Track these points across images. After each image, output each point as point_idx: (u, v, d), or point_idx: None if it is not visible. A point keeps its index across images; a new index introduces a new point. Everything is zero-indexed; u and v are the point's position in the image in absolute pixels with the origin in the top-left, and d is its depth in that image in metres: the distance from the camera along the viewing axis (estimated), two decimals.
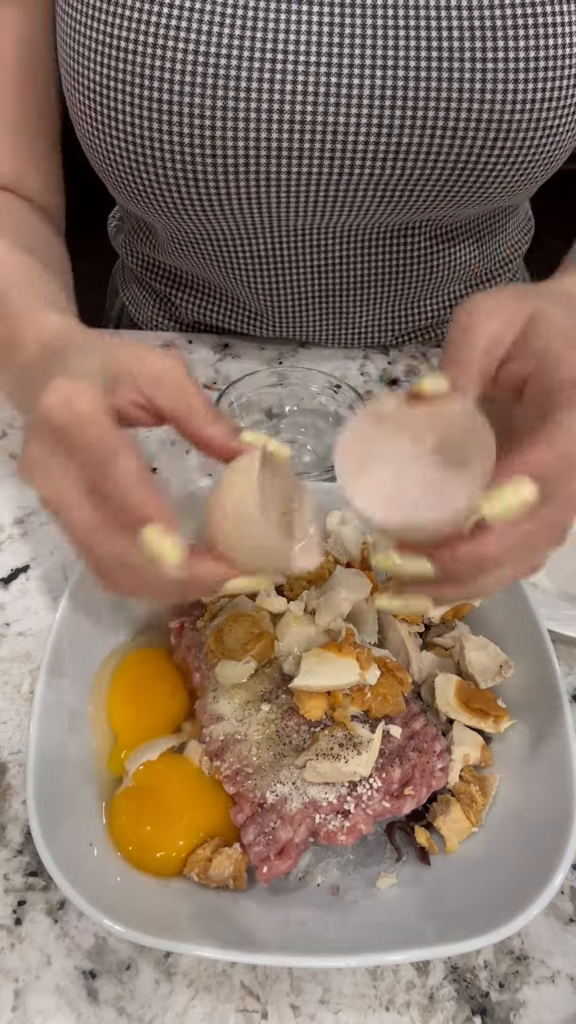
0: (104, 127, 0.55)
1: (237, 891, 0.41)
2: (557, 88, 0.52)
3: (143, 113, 0.53)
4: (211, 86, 0.52)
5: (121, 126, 0.54)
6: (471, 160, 0.55)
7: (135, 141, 0.54)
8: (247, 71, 0.52)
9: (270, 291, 0.70)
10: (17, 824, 0.45)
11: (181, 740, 0.46)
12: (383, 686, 0.45)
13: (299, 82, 0.52)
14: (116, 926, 0.36)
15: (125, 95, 0.53)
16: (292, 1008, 0.40)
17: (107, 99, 0.54)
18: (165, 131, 0.53)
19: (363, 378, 0.74)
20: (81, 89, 0.55)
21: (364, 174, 0.56)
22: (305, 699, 0.43)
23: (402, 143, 0.54)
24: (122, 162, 0.56)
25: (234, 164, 0.54)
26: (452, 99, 0.52)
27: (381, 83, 0.52)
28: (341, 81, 0.52)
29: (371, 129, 0.53)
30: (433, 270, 0.70)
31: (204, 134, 0.53)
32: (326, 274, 0.68)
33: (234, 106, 0.52)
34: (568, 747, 0.42)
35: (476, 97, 0.52)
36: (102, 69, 0.53)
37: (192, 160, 0.54)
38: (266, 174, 0.55)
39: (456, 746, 0.45)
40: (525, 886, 0.38)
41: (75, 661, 0.47)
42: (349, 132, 0.53)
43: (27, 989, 0.40)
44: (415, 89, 0.52)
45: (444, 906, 0.40)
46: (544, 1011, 0.40)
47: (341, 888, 0.42)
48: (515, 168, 0.56)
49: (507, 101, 0.52)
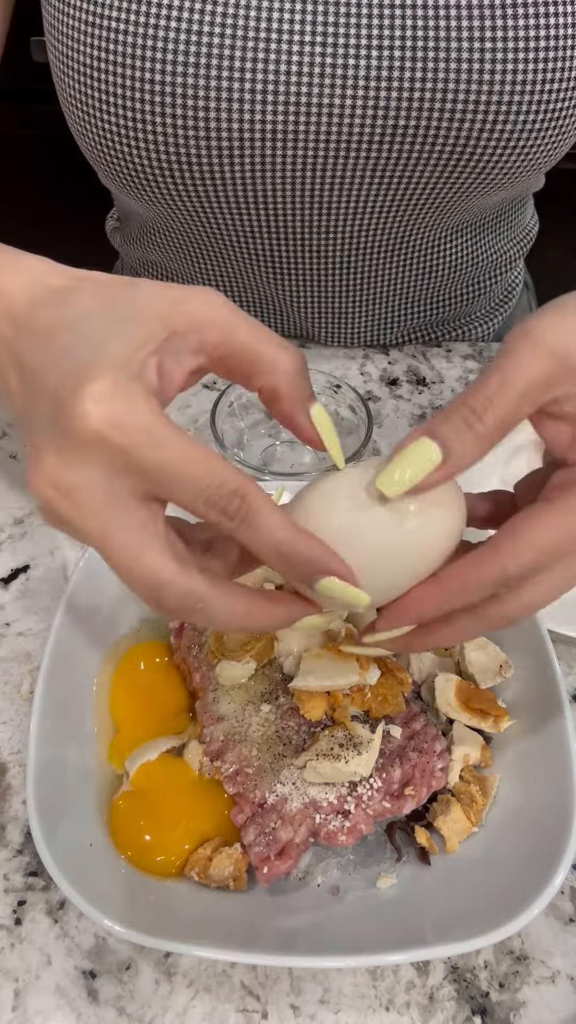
0: (95, 110, 0.54)
1: (237, 891, 0.41)
2: (559, 69, 0.51)
3: (135, 95, 0.52)
4: (204, 65, 0.51)
5: (112, 108, 0.53)
6: (470, 143, 0.54)
7: (127, 124, 0.53)
8: (240, 50, 0.51)
9: (269, 291, 0.70)
10: (17, 824, 0.45)
11: (181, 741, 0.46)
12: (383, 686, 0.45)
13: (293, 62, 0.51)
14: (116, 926, 0.36)
15: (116, 76, 0.52)
16: (292, 1008, 0.40)
17: (98, 81, 0.53)
18: (157, 112, 0.52)
19: (363, 378, 0.74)
20: (71, 73, 0.54)
21: (360, 157, 0.55)
22: (305, 699, 0.43)
23: (398, 125, 0.53)
24: (113, 146, 0.55)
25: (228, 147, 0.54)
26: (450, 80, 0.51)
27: (377, 63, 0.51)
28: (336, 61, 0.51)
29: (367, 111, 0.53)
30: (434, 269, 0.70)
31: (197, 115, 0.52)
32: (326, 274, 0.68)
33: (227, 86, 0.51)
34: (568, 747, 0.42)
35: (475, 78, 0.51)
36: (92, 51, 0.52)
37: (185, 142, 0.53)
38: (260, 157, 0.55)
39: (456, 746, 0.45)
40: (525, 886, 0.38)
41: (75, 661, 0.47)
42: (344, 114, 0.53)
43: (27, 989, 0.40)
44: (411, 70, 0.51)
45: (444, 906, 0.40)
46: (544, 1011, 0.40)
47: (341, 888, 0.42)
48: (516, 153, 0.55)
49: (506, 82, 0.51)
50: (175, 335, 0.30)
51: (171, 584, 0.29)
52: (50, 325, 0.31)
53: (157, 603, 0.30)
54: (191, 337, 0.30)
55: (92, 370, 0.28)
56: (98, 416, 0.27)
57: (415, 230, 0.65)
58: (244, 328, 0.31)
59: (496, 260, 0.74)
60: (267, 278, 0.68)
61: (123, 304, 0.31)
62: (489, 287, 0.76)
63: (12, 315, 0.32)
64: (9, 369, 0.32)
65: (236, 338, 0.31)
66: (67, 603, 0.47)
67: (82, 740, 0.45)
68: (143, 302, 0.30)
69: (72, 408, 0.28)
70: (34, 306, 0.32)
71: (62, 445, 0.28)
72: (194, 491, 0.29)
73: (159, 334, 0.30)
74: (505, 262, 0.76)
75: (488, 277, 0.75)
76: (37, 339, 0.31)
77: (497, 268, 0.75)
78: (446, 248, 0.69)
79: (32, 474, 0.29)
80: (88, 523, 0.28)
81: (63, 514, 0.29)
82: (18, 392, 0.31)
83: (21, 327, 0.32)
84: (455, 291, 0.74)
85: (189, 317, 0.30)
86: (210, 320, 0.31)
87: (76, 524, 0.29)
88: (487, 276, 0.75)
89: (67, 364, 0.29)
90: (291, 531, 0.30)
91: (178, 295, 0.31)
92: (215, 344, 0.31)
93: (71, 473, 0.28)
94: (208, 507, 0.29)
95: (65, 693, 0.45)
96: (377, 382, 0.74)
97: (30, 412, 0.30)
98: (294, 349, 0.32)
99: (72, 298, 0.32)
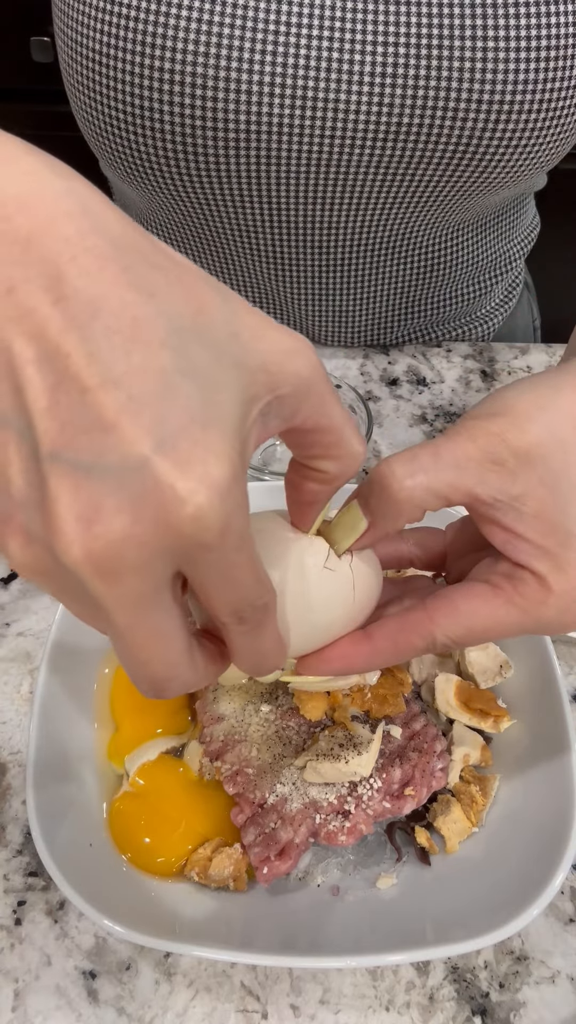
0: (102, 96, 0.54)
1: (237, 891, 0.41)
2: (560, 68, 0.52)
3: (143, 83, 0.52)
4: (214, 55, 0.51)
5: (120, 96, 0.53)
6: (472, 142, 0.54)
7: (134, 112, 0.54)
8: (250, 41, 0.51)
9: (269, 287, 0.69)
10: (17, 824, 0.45)
11: (181, 741, 0.46)
12: (383, 686, 0.45)
13: (302, 56, 0.52)
14: (116, 926, 0.36)
15: (125, 63, 0.52)
16: (292, 1008, 0.40)
17: (107, 68, 0.53)
18: (165, 101, 0.52)
19: (363, 378, 0.74)
20: (79, 59, 0.54)
21: (365, 154, 0.55)
22: (305, 699, 0.43)
23: (403, 123, 0.53)
24: (119, 133, 0.55)
25: (235, 139, 0.54)
26: (453, 78, 0.51)
27: (383, 60, 0.51)
28: (343, 57, 0.52)
29: (372, 107, 0.53)
30: (435, 268, 0.70)
31: (205, 105, 0.52)
32: (326, 271, 0.68)
33: (236, 78, 0.52)
34: (568, 747, 0.42)
35: (477, 77, 0.51)
36: (102, 37, 0.53)
37: (192, 133, 0.54)
38: (267, 151, 0.55)
39: (456, 746, 0.45)
40: (525, 886, 0.38)
41: (75, 660, 0.47)
42: (350, 110, 0.53)
43: (27, 989, 0.40)
44: (416, 67, 0.51)
45: (444, 906, 0.40)
46: (544, 1011, 0.40)
47: (341, 888, 0.42)
48: (518, 152, 0.55)
49: (508, 81, 0.51)
50: (277, 399, 0.25)
51: (180, 679, 0.26)
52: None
53: (158, 693, 0.26)
54: (290, 402, 0.26)
55: (210, 435, 0.22)
56: (207, 507, 0.21)
57: (416, 228, 0.65)
58: (333, 401, 0.27)
59: (497, 260, 0.75)
60: (267, 274, 0.68)
61: (220, 329, 0.23)
62: (489, 287, 0.76)
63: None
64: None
65: (327, 415, 0.27)
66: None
67: (82, 740, 0.45)
68: (248, 341, 0.24)
69: (173, 480, 0.21)
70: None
71: (131, 509, 0.21)
72: (235, 600, 0.25)
73: (264, 394, 0.24)
74: (506, 262, 0.76)
75: (489, 277, 0.75)
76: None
77: (498, 268, 0.75)
78: (447, 247, 0.69)
79: (63, 521, 0.21)
80: (117, 610, 0.23)
81: (91, 588, 0.22)
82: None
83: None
84: (455, 291, 0.74)
85: (296, 379, 0.25)
86: (309, 387, 0.26)
87: (102, 604, 0.23)
88: (488, 276, 0.75)
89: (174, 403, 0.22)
90: (281, 644, 0.29)
91: (281, 342, 0.25)
92: (306, 416, 0.27)
93: (122, 548, 0.21)
94: (232, 614, 0.26)
95: (65, 693, 0.45)
96: (377, 382, 0.74)
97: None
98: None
99: (160, 288, 0.23)
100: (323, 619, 0.33)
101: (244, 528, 0.23)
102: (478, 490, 0.31)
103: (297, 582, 0.32)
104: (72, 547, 0.21)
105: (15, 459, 0.22)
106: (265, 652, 0.29)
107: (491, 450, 0.31)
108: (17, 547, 0.23)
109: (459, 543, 0.38)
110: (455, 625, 0.32)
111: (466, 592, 0.32)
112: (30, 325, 0.21)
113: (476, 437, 0.31)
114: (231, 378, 0.23)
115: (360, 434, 0.29)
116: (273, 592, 0.27)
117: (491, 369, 0.73)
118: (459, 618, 0.32)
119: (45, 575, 0.23)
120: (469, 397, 0.71)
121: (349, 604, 0.33)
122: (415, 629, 0.32)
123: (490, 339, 0.81)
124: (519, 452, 0.31)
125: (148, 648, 0.24)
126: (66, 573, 0.22)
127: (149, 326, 0.22)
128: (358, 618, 0.34)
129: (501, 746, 0.46)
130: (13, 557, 0.23)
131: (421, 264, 0.69)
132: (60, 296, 0.21)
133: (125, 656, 0.25)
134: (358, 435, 0.29)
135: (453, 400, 0.71)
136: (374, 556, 0.35)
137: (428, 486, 0.30)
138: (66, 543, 0.21)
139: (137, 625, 0.23)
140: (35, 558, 0.22)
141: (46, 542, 0.22)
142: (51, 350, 0.21)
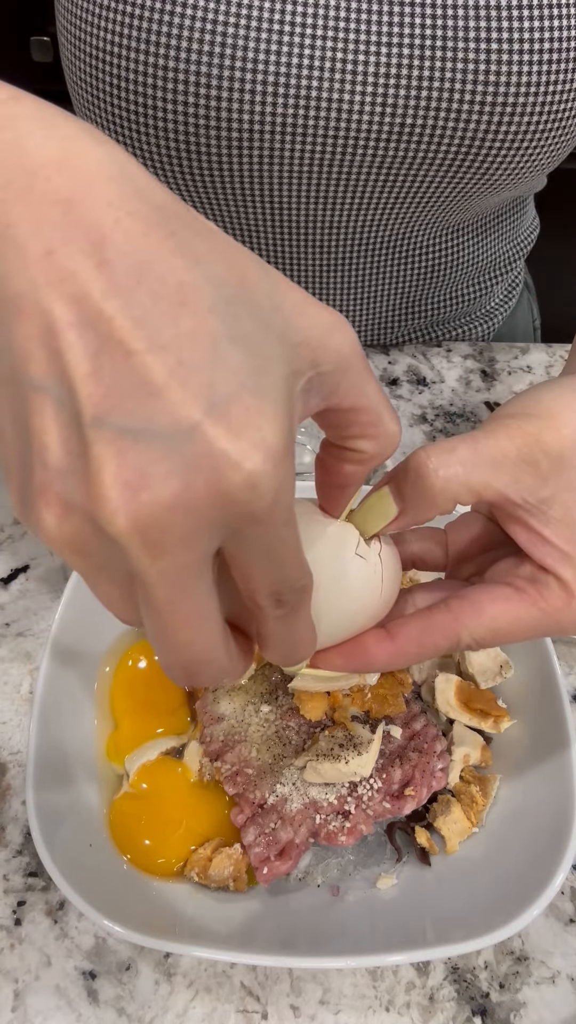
0: (105, 94, 0.54)
1: (237, 891, 0.41)
2: (562, 71, 0.52)
3: (146, 80, 0.52)
4: (218, 55, 0.51)
5: (123, 93, 0.53)
6: (475, 144, 0.54)
7: (136, 109, 0.54)
8: (255, 41, 0.51)
9: None
10: (17, 824, 0.45)
11: (181, 741, 0.46)
12: (383, 687, 0.45)
13: (306, 55, 0.52)
14: (116, 926, 0.36)
15: (129, 61, 0.52)
16: (292, 1008, 0.40)
17: (109, 65, 0.53)
18: (168, 99, 0.52)
19: None
20: (83, 56, 0.55)
21: (368, 155, 0.55)
22: (305, 699, 0.43)
23: (405, 124, 0.53)
24: (121, 131, 0.55)
25: (238, 139, 0.54)
26: (456, 80, 0.52)
27: (386, 61, 0.52)
28: (347, 57, 0.52)
29: (375, 108, 0.53)
30: (435, 269, 0.70)
31: (209, 104, 0.52)
32: (327, 271, 0.68)
33: (240, 77, 0.52)
34: (568, 747, 0.42)
35: (480, 79, 0.51)
36: (106, 35, 0.53)
37: (195, 131, 0.54)
38: (269, 150, 0.55)
39: (456, 746, 0.45)
40: (525, 886, 0.38)
41: (75, 660, 0.47)
42: (354, 111, 0.53)
43: (27, 989, 0.40)
44: (419, 68, 0.52)
45: (444, 907, 0.40)
46: (544, 1011, 0.40)
47: (341, 888, 0.42)
48: (519, 154, 0.55)
49: (511, 84, 0.51)
50: (319, 376, 0.25)
51: (216, 663, 0.25)
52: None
53: (192, 678, 0.25)
54: (330, 380, 0.25)
55: (263, 402, 0.21)
56: (261, 475, 0.21)
57: (417, 229, 0.65)
58: (371, 379, 0.27)
59: (497, 260, 0.75)
60: None
61: (263, 301, 0.23)
62: (490, 287, 0.76)
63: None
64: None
65: (365, 394, 0.27)
66: (67, 603, 0.47)
67: (82, 740, 0.45)
68: (289, 315, 0.24)
69: (226, 445, 0.20)
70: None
71: (182, 474, 0.20)
72: (277, 580, 0.24)
73: (307, 370, 0.24)
74: (506, 262, 0.76)
75: (489, 277, 0.75)
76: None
77: (498, 268, 0.75)
78: (447, 247, 0.69)
79: (113, 483, 0.20)
80: (160, 583, 0.22)
81: (134, 559, 0.21)
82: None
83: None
84: (456, 291, 0.74)
85: (336, 356, 0.25)
86: (349, 365, 0.25)
87: (145, 578, 0.21)
88: (488, 276, 0.75)
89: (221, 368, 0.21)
90: (314, 632, 0.29)
91: (322, 318, 0.25)
92: (345, 395, 0.26)
93: (171, 516, 0.20)
94: (271, 595, 0.25)
95: (65, 693, 0.45)
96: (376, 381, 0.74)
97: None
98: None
99: (204, 255, 0.22)
100: (350, 607, 0.32)
101: (291, 504, 0.23)
102: (510, 490, 0.31)
103: (330, 567, 0.31)
104: (117, 515, 0.20)
105: (52, 426, 0.21)
106: (298, 640, 0.28)
107: (527, 451, 0.31)
108: (53, 519, 0.21)
109: (462, 543, 0.38)
110: (480, 627, 0.32)
111: (492, 594, 0.32)
112: (71, 288, 0.20)
113: (514, 436, 0.31)
114: (277, 351, 0.23)
115: (396, 413, 0.28)
116: (311, 575, 0.26)
117: (491, 369, 0.73)
118: (484, 620, 0.32)
119: (82, 549, 0.22)
120: (469, 397, 0.71)
121: (376, 594, 0.33)
122: (440, 630, 0.32)
123: (490, 339, 0.81)
124: (552, 455, 0.31)
125: (188, 628, 0.23)
126: (106, 546, 0.21)
127: (196, 292, 0.21)
128: (382, 611, 0.34)
129: (501, 746, 0.46)
130: (49, 530, 0.22)
131: (422, 264, 0.69)
132: (103, 260, 0.20)
133: (161, 637, 0.24)
134: (395, 414, 0.28)
135: (453, 400, 0.71)
136: (396, 551, 0.35)
137: (464, 480, 0.30)
138: (111, 511, 0.20)
139: (179, 601, 0.22)
140: (73, 530, 0.21)
141: (87, 512, 0.21)
142: (93, 314, 0.20)
